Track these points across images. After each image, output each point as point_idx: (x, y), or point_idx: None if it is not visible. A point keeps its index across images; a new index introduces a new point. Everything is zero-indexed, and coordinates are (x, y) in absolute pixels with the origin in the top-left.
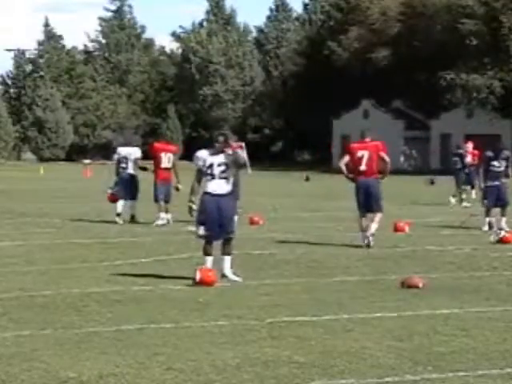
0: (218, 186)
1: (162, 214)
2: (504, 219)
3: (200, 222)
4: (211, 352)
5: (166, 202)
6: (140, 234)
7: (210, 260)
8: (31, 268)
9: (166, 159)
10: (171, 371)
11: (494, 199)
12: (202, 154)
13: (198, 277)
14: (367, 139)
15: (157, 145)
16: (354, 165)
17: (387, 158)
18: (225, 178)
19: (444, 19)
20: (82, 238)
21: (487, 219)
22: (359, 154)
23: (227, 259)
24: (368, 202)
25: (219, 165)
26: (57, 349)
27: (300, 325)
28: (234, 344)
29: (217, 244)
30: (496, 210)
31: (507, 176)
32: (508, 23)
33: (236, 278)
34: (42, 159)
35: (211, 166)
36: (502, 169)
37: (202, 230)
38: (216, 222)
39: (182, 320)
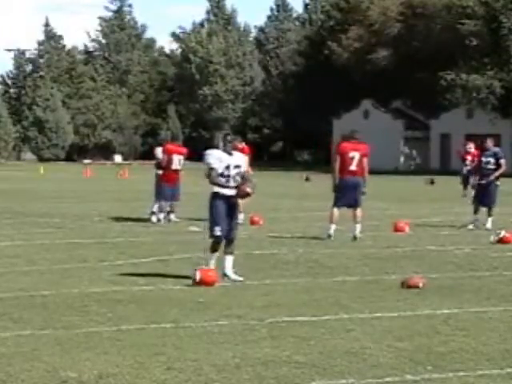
0: (231, 188)
1: (161, 215)
2: (490, 219)
3: (216, 223)
4: (211, 352)
5: (176, 200)
6: (140, 234)
7: (215, 257)
8: (31, 268)
9: (177, 161)
10: (171, 371)
11: (480, 197)
12: (218, 153)
13: (197, 277)
14: (355, 140)
15: (170, 146)
16: (344, 164)
17: (367, 166)
18: (237, 181)
19: (444, 19)
20: (81, 238)
21: (474, 217)
22: (351, 154)
23: (230, 259)
24: (352, 200)
25: (235, 166)
26: (57, 349)
27: (300, 325)
28: (234, 344)
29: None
30: (483, 210)
31: (497, 171)
32: (508, 23)
33: (237, 278)
34: (41, 159)
35: (228, 167)
36: (491, 166)
37: (218, 231)
38: (227, 223)
39: (182, 320)
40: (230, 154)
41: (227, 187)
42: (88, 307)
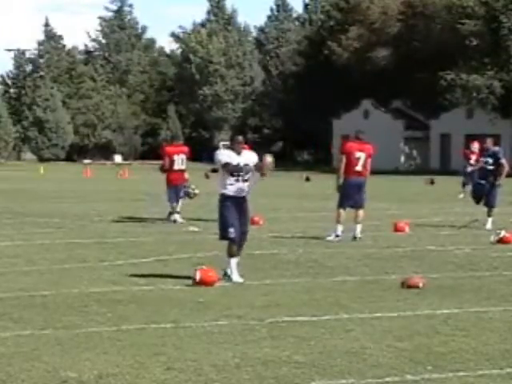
0: (241, 188)
1: (176, 216)
2: (490, 220)
3: (230, 224)
4: (211, 352)
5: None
6: (140, 234)
7: (235, 261)
8: (31, 268)
9: (180, 161)
10: (171, 371)
11: (485, 198)
12: (227, 152)
13: (197, 277)
14: (361, 140)
15: (168, 148)
16: (350, 164)
17: (369, 166)
18: (247, 181)
19: (444, 19)
20: (81, 238)
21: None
22: (357, 155)
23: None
24: (356, 200)
25: (244, 165)
26: (57, 349)
27: (300, 325)
28: (234, 344)
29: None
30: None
31: (500, 172)
32: (508, 23)
33: (239, 280)
34: (42, 159)
35: (237, 166)
36: (489, 167)
37: (232, 233)
38: (238, 226)
39: (182, 320)
40: (238, 153)
41: (236, 187)
42: (88, 307)
